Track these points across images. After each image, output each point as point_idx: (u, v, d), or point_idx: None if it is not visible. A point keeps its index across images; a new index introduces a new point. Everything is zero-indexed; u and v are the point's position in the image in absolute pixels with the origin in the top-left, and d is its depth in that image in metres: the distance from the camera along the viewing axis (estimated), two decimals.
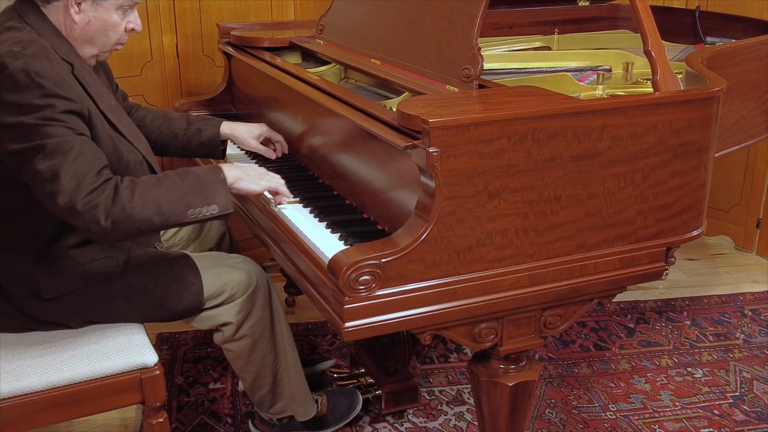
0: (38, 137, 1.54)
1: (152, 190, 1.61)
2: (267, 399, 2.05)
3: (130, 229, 1.59)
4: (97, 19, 1.71)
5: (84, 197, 1.54)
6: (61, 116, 1.56)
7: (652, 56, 1.72)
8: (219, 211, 1.67)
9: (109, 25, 1.73)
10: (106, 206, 1.55)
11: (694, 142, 1.66)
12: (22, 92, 1.54)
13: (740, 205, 3.57)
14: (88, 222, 1.55)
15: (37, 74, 1.55)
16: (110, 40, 1.76)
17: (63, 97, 1.57)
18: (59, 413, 1.69)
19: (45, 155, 1.54)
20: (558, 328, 1.68)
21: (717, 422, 2.35)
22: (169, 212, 1.61)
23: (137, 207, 1.57)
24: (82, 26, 1.71)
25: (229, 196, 1.70)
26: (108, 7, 1.70)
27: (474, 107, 1.50)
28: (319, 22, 2.45)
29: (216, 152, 2.21)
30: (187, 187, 1.65)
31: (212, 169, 1.72)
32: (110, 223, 1.56)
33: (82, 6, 1.68)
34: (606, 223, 1.61)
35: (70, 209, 1.54)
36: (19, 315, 1.75)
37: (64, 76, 1.60)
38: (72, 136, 1.57)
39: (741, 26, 2.84)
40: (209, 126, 2.18)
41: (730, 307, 3.07)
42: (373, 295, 1.42)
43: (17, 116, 1.54)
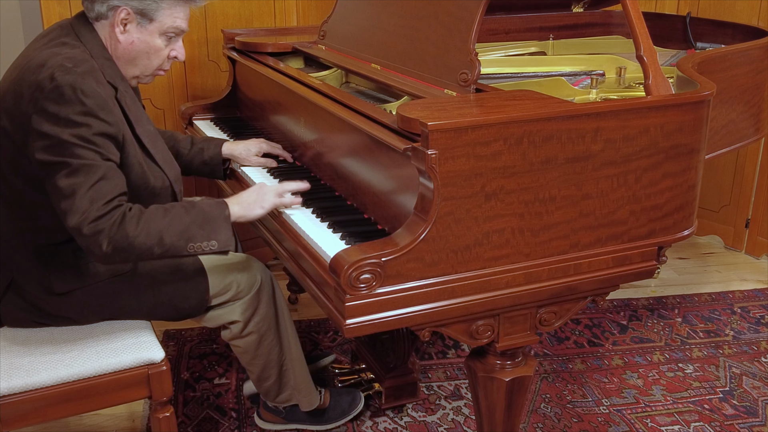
0: (67, 155, 1.55)
1: (158, 221, 1.61)
2: (273, 389, 2.08)
3: (129, 256, 1.60)
4: (141, 41, 1.72)
5: (90, 222, 1.54)
6: (94, 138, 1.57)
7: (645, 61, 1.72)
8: (218, 248, 1.67)
9: (152, 48, 1.73)
10: (110, 233, 1.55)
11: (685, 145, 1.66)
12: (64, 105, 1.55)
13: (730, 206, 3.57)
14: (91, 245, 1.56)
15: (82, 92, 1.56)
16: (152, 64, 1.77)
17: (101, 119, 1.58)
18: (69, 407, 1.69)
19: (69, 173, 1.55)
20: (553, 325, 1.68)
21: (707, 416, 2.35)
22: (170, 244, 1.61)
23: (140, 237, 1.58)
24: (125, 46, 1.71)
25: (231, 233, 1.69)
26: (152, 31, 1.71)
27: (471, 110, 1.50)
28: (321, 28, 2.45)
29: (218, 172, 2.20)
30: (191, 220, 1.64)
31: (218, 204, 1.71)
32: (111, 249, 1.56)
33: (127, 27, 1.70)
34: (599, 223, 1.61)
35: (77, 230, 1.55)
36: (31, 309, 1.75)
37: (107, 99, 1.61)
38: (99, 161, 1.57)
39: (730, 32, 2.84)
40: (211, 146, 2.18)
41: (720, 304, 3.07)
42: (374, 293, 1.42)
43: (54, 127, 1.54)
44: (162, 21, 1.71)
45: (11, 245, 1.73)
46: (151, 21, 1.70)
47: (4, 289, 1.74)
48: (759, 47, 2.47)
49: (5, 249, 1.73)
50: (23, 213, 1.70)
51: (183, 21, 1.75)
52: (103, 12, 1.69)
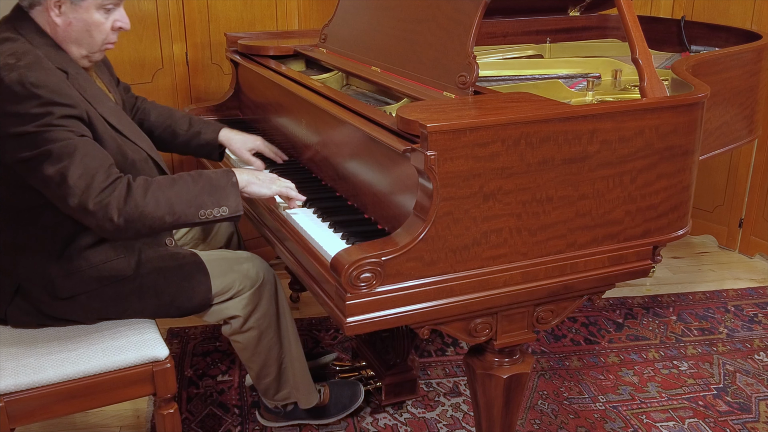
0: (43, 143, 1.53)
1: (165, 190, 1.59)
2: (272, 387, 2.07)
3: (142, 227, 1.58)
4: (78, 20, 1.66)
5: (95, 196, 1.53)
6: (61, 121, 1.55)
7: (640, 64, 1.72)
8: (229, 213, 1.66)
9: (91, 25, 1.68)
10: (119, 204, 1.54)
11: (679, 146, 1.66)
12: (20, 103, 1.52)
13: (723, 206, 3.57)
14: (101, 220, 1.54)
15: (32, 84, 1.53)
16: (96, 40, 1.71)
17: (60, 104, 1.55)
18: (75, 404, 1.70)
19: (51, 160, 1.53)
20: (550, 323, 1.68)
21: (702, 413, 2.35)
22: (181, 212, 1.60)
23: (150, 205, 1.56)
24: (64, 28, 1.66)
25: (240, 200, 1.68)
26: (87, 7, 1.65)
27: (470, 112, 1.50)
28: (322, 32, 2.45)
29: (213, 155, 2.21)
30: (200, 188, 1.63)
31: (225, 173, 1.70)
32: (123, 221, 1.54)
33: (62, 8, 1.64)
34: (596, 222, 1.61)
35: (82, 209, 1.53)
36: (36, 313, 1.75)
37: (60, 83, 1.58)
38: (75, 139, 1.55)
39: (724, 35, 2.84)
40: (208, 130, 2.18)
41: (714, 303, 3.07)
42: (374, 291, 1.42)
43: (19, 126, 1.53)
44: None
45: (16, 252, 1.72)
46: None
47: (12, 294, 1.74)
48: (752, 50, 2.47)
49: (11, 256, 1.72)
50: (23, 218, 1.69)
51: None
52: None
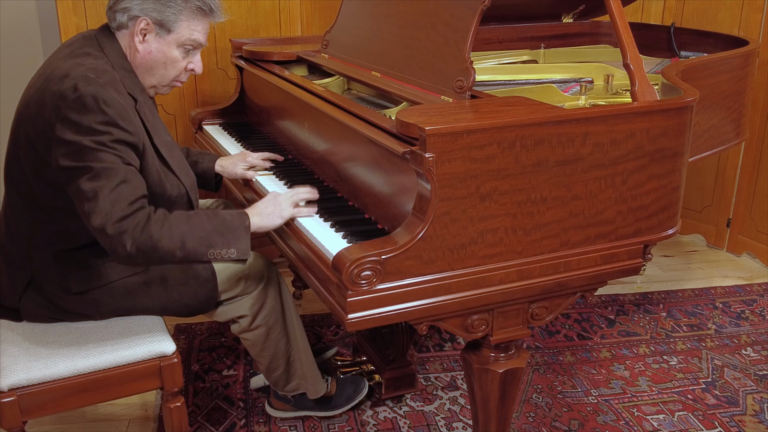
0: (89, 159, 1.54)
1: (180, 226, 1.60)
2: (282, 379, 2.09)
3: (152, 258, 1.59)
4: (159, 51, 1.70)
5: (115, 223, 1.53)
6: (115, 144, 1.56)
7: (631, 69, 1.72)
8: (237, 256, 1.66)
9: (169, 59, 1.72)
10: (134, 234, 1.54)
11: (669, 148, 1.66)
12: (86, 114, 1.54)
13: (712, 206, 3.57)
14: (115, 245, 1.55)
15: (104, 102, 1.55)
16: (168, 74, 1.75)
17: (121, 128, 1.57)
18: (85, 398, 1.70)
19: (91, 177, 1.54)
20: (544, 319, 1.68)
21: (691, 406, 2.35)
22: (191, 249, 1.60)
23: (164, 240, 1.57)
24: (144, 55, 1.70)
25: (248, 243, 1.67)
26: (170, 42, 1.70)
27: (467, 116, 1.50)
28: (324, 38, 2.45)
29: (209, 184, 2.19)
30: (213, 228, 1.63)
31: (239, 215, 1.70)
32: (135, 250, 1.55)
33: (147, 36, 1.69)
34: (588, 222, 1.61)
35: (101, 231, 1.54)
36: (50, 306, 1.76)
37: (128, 109, 1.60)
38: (120, 165, 1.56)
39: (713, 41, 2.84)
40: (205, 160, 2.18)
41: (702, 300, 3.07)
42: (374, 289, 1.42)
43: (76, 135, 1.53)
44: (180, 33, 1.70)
45: (31, 246, 1.72)
46: (169, 32, 1.69)
47: (24, 286, 1.74)
48: (739, 56, 2.47)
49: (26, 249, 1.73)
50: (44, 216, 1.70)
51: (201, 34, 1.74)
52: (124, 22, 1.68)
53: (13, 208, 1.74)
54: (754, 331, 2.82)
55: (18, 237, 1.74)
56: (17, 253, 1.74)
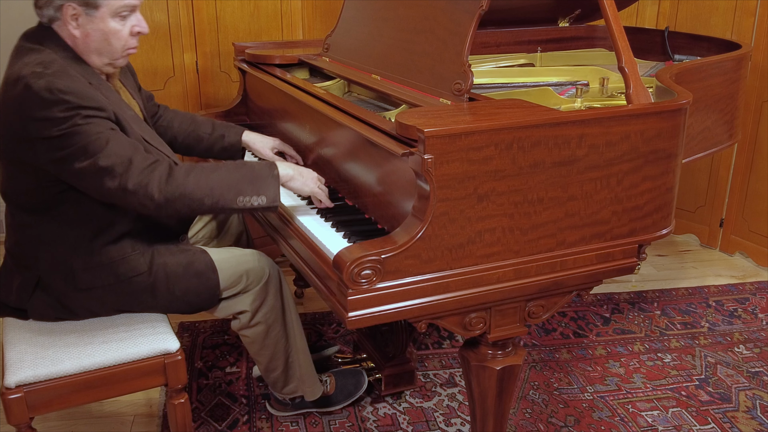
0: (72, 143, 1.53)
1: (208, 173, 1.58)
2: (280, 380, 2.07)
3: (182, 206, 1.56)
4: (96, 30, 1.64)
5: (136, 176, 1.51)
6: (87, 120, 1.54)
7: (626, 72, 1.72)
8: (267, 203, 1.63)
9: (108, 33, 1.65)
10: (160, 183, 1.53)
11: (663, 150, 1.67)
12: (49, 108, 1.51)
13: (705, 207, 3.57)
14: (142, 198, 1.53)
15: (59, 91, 1.52)
16: (115, 48, 1.68)
17: (87, 107, 1.55)
18: (91, 394, 1.70)
19: (82, 155, 1.53)
20: (540, 317, 1.68)
21: (684, 402, 2.35)
22: (220, 195, 1.58)
23: (190, 186, 1.55)
24: (83, 39, 1.65)
25: (279, 191, 1.65)
26: (102, 16, 1.63)
27: (465, 118, 1.50)
28: (325, 42, 2.45)
29: (237, 157, 2.19)
30: (241, 176, 1.61)
31: (268, 165, 1.67)
32: (163, 199, 1.53)
33: (78, 21, 1.63)
34: (584, 222, 1.61)
35: (122, 189, 1.52)
36: (57, 305, 1.75)
37: (87, 89, 1.57)
38: (105, 131, 1.55)
39: (706, 45, 2.84)
40: (232, 133, 2.17)
41: (696, 298, 3.07)
42: (374, 287, 1.42)
43: (48, 129, 1.52)
44: (108, 3, 1.62)
45: (37, 247, 1.72)
46: (97, 8, 1.62)
47: (33, 287, 1.74)
48: (732, 59, 2.47)
49: (33, 251, 1.73)
50: (47, 214, 1.69)
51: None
52: (52, 14, 1.63)
53: (14, 215, 1.74)
54: (747, 329, 2.82)
55: (23, 240, 1.73)
56: (24, 255, 1.74)
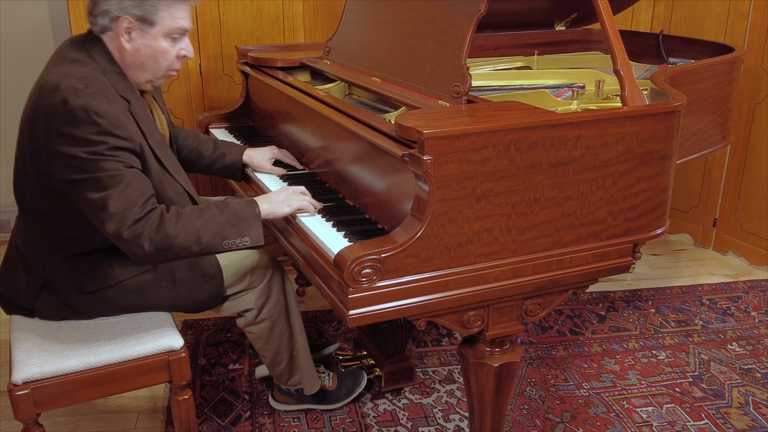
0: (91, 170, 1.52)
1: (194, 222, 1.58)
2: (285, 373, 2.08)
3: (170, 255, 1.58)
4: (147, 47, 1.65)
5: (129, 227, 1.52)
6: (112, 152, 1.53)
7: (621, 75, 1.72)
8: (251, 243, 1.65)
9: (158, 51, 1.66)
10: (151, 234, 1.53)
11: (658, 151, 1.66)
12: (79, 127, 1.50)
13: (699, 207, 3.57)
14: (133, 248, 1.54)
15: (95, 113, 1.51)
16: (161, 66, 1.69)
17: (116, 135, 1.53)
18: (97, 391, 1.70)
19: (96, 187, 1.52)
20: (537, 315, 1.68)
21: (678, 398, 2.35)
22: (207, 243, 1.59)
23: (180, 237, 1.56)
24: (132, 53, 1.65)
25: (261, 230, 1.67)
26: (156, 34, 1.64)
27: (463, 120, 1.50)
28: (326, 45, 2.45)
29: (236, 175, 2.19)
30: (225, 220, 1.62)
31: (249, 204, 1.68)
32: (153, 249, 1.54)
33: (132, 34, 1.63)
34: (580, 222, 1.61)
35: (117, 236, 1.53)
36: (63, 306, 1.75)
37: (120, 116, 1.56)
38: (123, 170, 1.54)
39: (700, 48, 2.84)
40: (233, 152, 2.17)
41: (689, 296, 3.07)
42: (374, 286, 1.42)
43: (72, 148, 1.51)
44: (163, 23, 1.63)
45: (44, 251, 1.72)
46: (152, 25, 1.63)
47: (39, 288, 1.74)
48: (725, 62, 2.47)
49: (39, 254, 1.72)
50: (54, 223, 1.69)
51: (184, 20, 1.67)
52: (106, 24, 1.63)
53: (26, 217, 1.73)
54: (740, 327, 2.82)
55: (31, 243, 1.73)
56: (32, 257, 1.74)
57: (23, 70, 3.37)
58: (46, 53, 3.37)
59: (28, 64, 3.37)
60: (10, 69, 3.37)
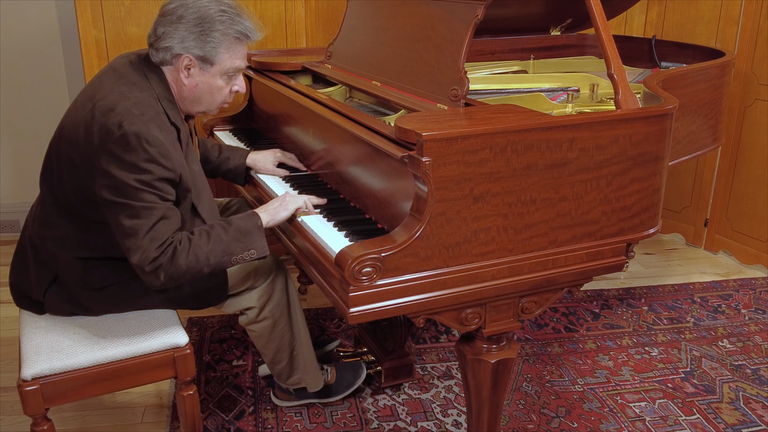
0: (131, 197, 1.53)
1: (203, 247, 1.60)
2: (285, 372, 2.08)
3: (183, 280, 1.61)
4: (204, 83, 1.69)
5: (151, 262, 1.54)
6: (155, 183, 1.55)
7: (615, 78, 1.72)
8: (257, 255, 1.67)
9: (214, 88, 1.71)
10: (166, 268, 1.56)
11: (650, 153, 1.66)
12: (130, 152, 1.52)
13: (690, 207, 3.57)
14: (151, 279, 1.57)
15: (146, 141, 1.53)
16: (215, 101, 1.74)
17: (162, 165, 1.55)
18: (104, 386, 1.70)
19: (131, 214, 1.54)
20: (533, 312, 1.68)
21: (670, 394, 2.35)
22: (216, 262, 1.61)
23: (192, 264, 1.58)
24: (190, 88, 1.69)
25: (265, 241, 1.68)
26: (214, 73, 1.68)
27: (461, 122, 1.50)
28: (328, 49, 2.45)
29: (239, 179, 2.19)
30: (230, 238, 1.63)
31: (250, 217, 1.70)
32: (167, 279, 1.57)
33: (191, 71, 1.66)
34: (575, 222, 1.61)
35: (140, 267, 1.56)
36: (72, 301, 1.76)
37: (168, 145, 1.58)
38: (159, 203, 1.56)
39: (691, 53, 2.84)
40: (236, 156, 2.18)
41: (681, 294, 3.07)
42: (374, 284, 1.42)
43: (119, 170, 1.52)
44: (222, 64, 1.67)
45: (59, 247, 1.72)
46: (212, 65, 1.67)
47: (49, 282, 1.74)
48: (716, 66, 2.47)
49: (53, 249, 1.72)
50: (77, 224, 1.69)
51: (241, 60, 1.72)
52: (167, 59, 1.66)
53: (47, 210, 1.73)
54: (730, 324, 2.82)
55: (48, 236, 1.73)
56: (45, 250, 1.74)
57: (31, 74, 3.37)
58: (54, 58, 3.38)
59: (36, 69, 3.37)
60: (19, 73, 3.37)
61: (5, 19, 3.29)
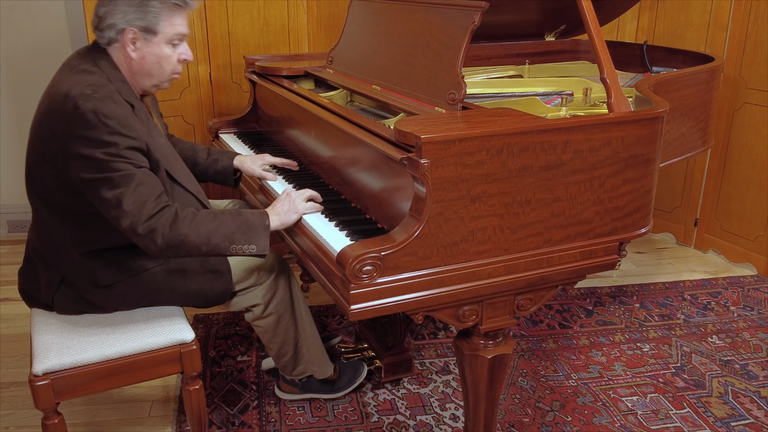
0: (106, 170, 1.54)
1: (207, 224, 1.60)
2: (290, 364, 2.09)
3: (180, 251, 1.60)
4: (151, 54, 1.69)
5: (144, 222, 1.54)
6: (124, 152, 1.56)
7: (607, 83, 1.72)
8: (257, 251, 1.66)
9: (162, 57, 1.70)
10: (164, 230, 1.55)
11: (642, 155, 1.67)
12: (92, 129, 1.53)
13: (681, 207, 3.57)
14: (147, 242, 1.56)
15: (104, 115, 1.54)
16: (165, 71, 1.73)
17: (126, 135, 1.56)
18: (112, 381, 1.70)
19: (111, 185, 1.54)
20: (529, 309, 1.68)
21: (661, 388, 2.36)
22: (216, 244, 1.61)
23: (192, 235, 1.58)
24: (138, 61, 1.69)
25: (268, 241, 1.68)
26: (158, 42, 1.68)
27: (459, 125, 1.50)
28: (329, 55, 2.45)
29: (229, 181, 2.18)
30: (236, 227, 1.64)
31: (260, 215, 1.70)
32: (165, 245, 1.56)
33: (137, 44, 1.67)
34: (569, 222, 1.61)
35: (132, 231, 1.55)
36: (81, 301, 1.75)
37: (127, 117, 1.59)
38: (133, 170, 1.56)
39: (682, 58, 2.84)
40: (224, 158, 2.17)
41: (672, 292, 3.07)
42: (374, 282, 1.42)
43: (88, 149, 1.53)
44: (165, 31, 1.67)
45: (62, 248, 1.72)
46: (155, 34, 1.66)
47: (58, 284, 1.74)
48: (706, 71, 2.47)
49: (58, 251, 1.72)
50: (71, 221, 1.69)
51: (183, 26, 1.72)
52: (113, 36, 1.66)
53: (42, 216, 1.73)
54: (719, 321, 2.82)
55: (49, 241, 1.73)
56: (49, 255, 1.74)
57: (41, 77, 3.37)
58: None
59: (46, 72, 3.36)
60: (29, 76, 3.37)
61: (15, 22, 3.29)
